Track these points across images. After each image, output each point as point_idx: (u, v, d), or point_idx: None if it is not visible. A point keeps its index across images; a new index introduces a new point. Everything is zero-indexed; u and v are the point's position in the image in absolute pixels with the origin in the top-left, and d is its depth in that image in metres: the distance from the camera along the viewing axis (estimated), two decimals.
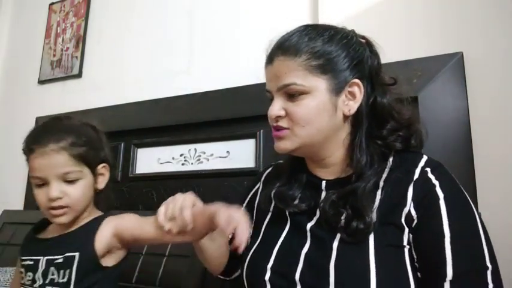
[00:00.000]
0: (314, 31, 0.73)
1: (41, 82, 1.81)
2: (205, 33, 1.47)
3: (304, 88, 0.70)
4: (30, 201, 1.62)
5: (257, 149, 1.25)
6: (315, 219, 0.74)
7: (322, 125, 0.71)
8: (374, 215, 0.66)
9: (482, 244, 0.62)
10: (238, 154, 1.30)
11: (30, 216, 1.45)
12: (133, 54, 1.60)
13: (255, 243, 0.79)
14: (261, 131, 1.25)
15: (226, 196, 1.22)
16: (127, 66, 1.61)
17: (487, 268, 0.61)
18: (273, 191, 0.81)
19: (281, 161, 0.90)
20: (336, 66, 0.72)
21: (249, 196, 0.92)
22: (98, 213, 0.91)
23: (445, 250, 0.62)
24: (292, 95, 0.71)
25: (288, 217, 0.77)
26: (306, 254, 0.70)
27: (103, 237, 0.84)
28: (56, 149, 0.85)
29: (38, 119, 1.70)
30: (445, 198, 0.65)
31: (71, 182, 0.85)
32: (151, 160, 1.44)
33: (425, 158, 0.71)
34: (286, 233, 0.76)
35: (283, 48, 0.72)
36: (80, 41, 1.73)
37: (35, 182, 0.87)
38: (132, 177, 1.45)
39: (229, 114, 1.30)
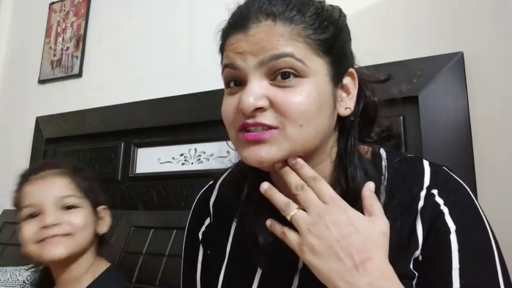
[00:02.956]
0: None
1: (41, 82, 1.81)
2: (205, 33, 1.47)
3: (303, 67, 0.49)
4: None
5: None
6: (297, 276, 0.55)
7: (323, 125, 0.51)
8: None
9: None
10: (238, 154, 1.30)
11: None
12: (134, 54, 1.60)
13: None
14: None
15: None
16: (127, 66, 1.60)
17: None
18: (230, 239, 0.61)
19: (226, 176, 0.68)
20: (343, 45, 0.54)
21: (200, 252, 0.67)
22: (100, 266, 0.78)
23: None
24: (283, 75, 0.49)
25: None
26: None
27: None
28: (55, 173, 0.74)
29: (38, 119, 1.70)
30: (457, 231, 0.50)
31: (69, 208, 0.72)
32: (151, 160, 1.43)
33: (427, 170, 0.55)
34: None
35: (269, 9, 0.51)
36: (80, 40, 1.73)
37: (23, 214, 0.71)
38: (132, 177, 1.45)
39: None
